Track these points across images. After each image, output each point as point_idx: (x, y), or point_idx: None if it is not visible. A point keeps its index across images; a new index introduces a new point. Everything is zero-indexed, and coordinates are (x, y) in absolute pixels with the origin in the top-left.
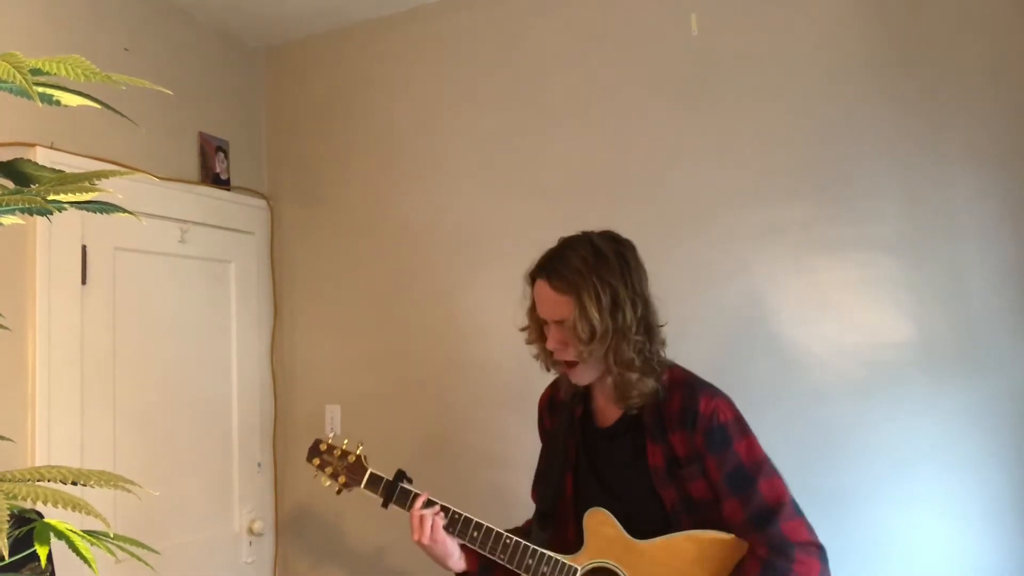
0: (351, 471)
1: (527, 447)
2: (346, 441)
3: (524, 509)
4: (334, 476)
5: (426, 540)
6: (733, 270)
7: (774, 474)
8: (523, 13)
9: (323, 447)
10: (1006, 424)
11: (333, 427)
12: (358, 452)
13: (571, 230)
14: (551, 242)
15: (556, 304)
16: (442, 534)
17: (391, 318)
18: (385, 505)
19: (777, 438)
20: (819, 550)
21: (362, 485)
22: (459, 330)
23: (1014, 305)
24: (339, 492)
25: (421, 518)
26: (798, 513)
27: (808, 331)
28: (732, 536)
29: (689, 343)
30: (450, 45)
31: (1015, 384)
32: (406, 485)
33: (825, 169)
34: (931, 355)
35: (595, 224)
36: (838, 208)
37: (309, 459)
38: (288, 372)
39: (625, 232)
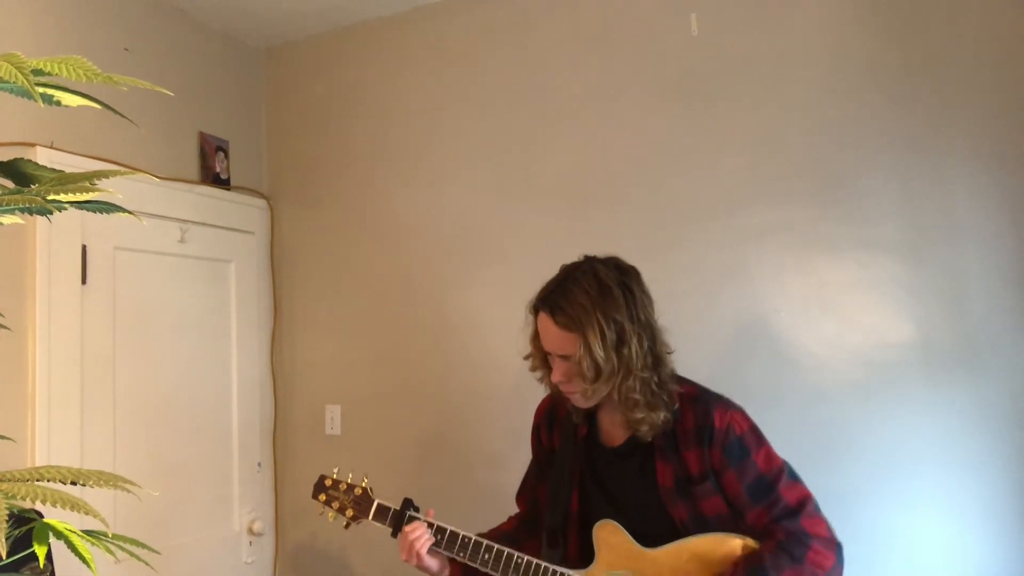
0: (358, 504)
1: (527, 446)
2: (351, 475)
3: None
4: (341, 510)
5: (413, 561)
6: (733, 270)
7: (793, 478)
8: (522, 14)
9: (328, 482)
10: (1006, 424)
11: (333, 427)
12: (364, 484)
13: (570, 230)
14: (550, 242)
15: (560, 340)
16: (428, 558)
17: (391, 318)
18: (394, 534)
19: (777, 438)
20: (837, 546)
21: (370, 516)
22: (459, 330)
23: (1014, 305)
24: (347, 526)
25: (407, 540)
26: (819, 512)
27: (808, 331)
28: (743, 537)
29: (689, 344)
30: (450, 45)
31: (1015, 384)
32: (413, 513)
33: (825, 169)
34: (931, 355)
35: (595, 224)
36: (838, 208)
37: (315, 496)
38: (288, 372)
39: (625, 232)
